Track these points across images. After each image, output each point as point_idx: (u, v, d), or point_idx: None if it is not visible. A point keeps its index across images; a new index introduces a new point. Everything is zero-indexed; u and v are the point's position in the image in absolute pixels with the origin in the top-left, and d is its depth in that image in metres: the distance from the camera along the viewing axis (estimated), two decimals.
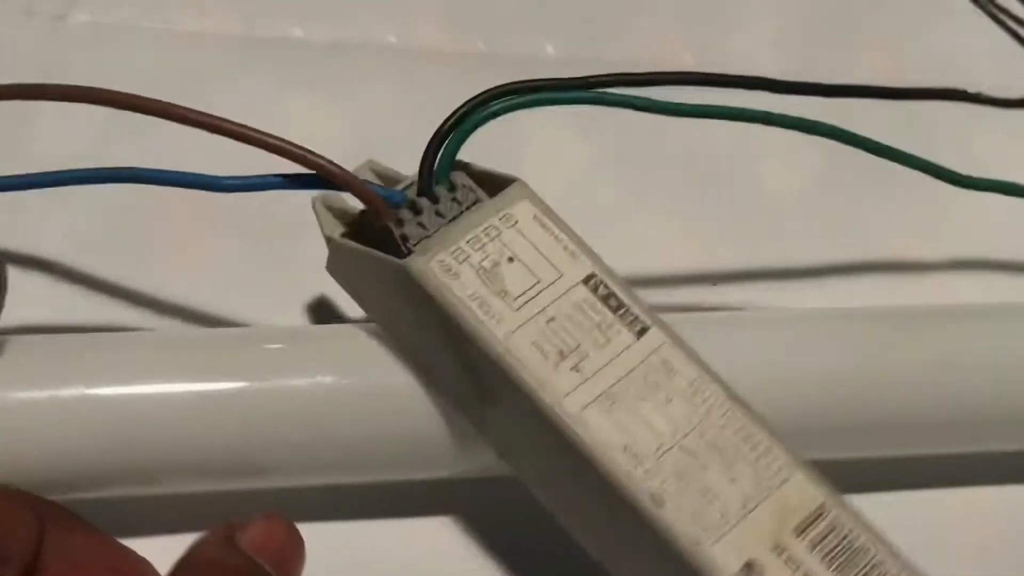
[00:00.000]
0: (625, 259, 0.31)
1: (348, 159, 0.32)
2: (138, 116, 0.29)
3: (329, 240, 0.32)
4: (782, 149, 0.39)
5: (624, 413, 0.28)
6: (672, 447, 0.28)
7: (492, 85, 0.32)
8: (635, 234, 0.38)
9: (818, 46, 0.42)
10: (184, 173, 0.31)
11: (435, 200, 0.31)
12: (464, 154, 0.31)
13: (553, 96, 0.31)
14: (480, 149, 0.31)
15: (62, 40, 0.40)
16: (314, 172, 0.30)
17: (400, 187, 0.32)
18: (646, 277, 0.38)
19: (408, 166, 0.33)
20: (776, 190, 0.39)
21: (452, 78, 0.36)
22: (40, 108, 0.35)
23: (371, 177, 0.33)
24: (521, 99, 0.31)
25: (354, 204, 0.33)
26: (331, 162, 0.30)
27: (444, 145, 0.31)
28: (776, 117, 0.31)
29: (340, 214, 0.33)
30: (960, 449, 0.35)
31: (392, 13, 0.41)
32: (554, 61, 0.41)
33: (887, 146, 0.31)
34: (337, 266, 0.32)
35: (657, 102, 0.31)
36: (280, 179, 0.31)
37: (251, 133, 0.29)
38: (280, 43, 0.40)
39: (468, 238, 0.30)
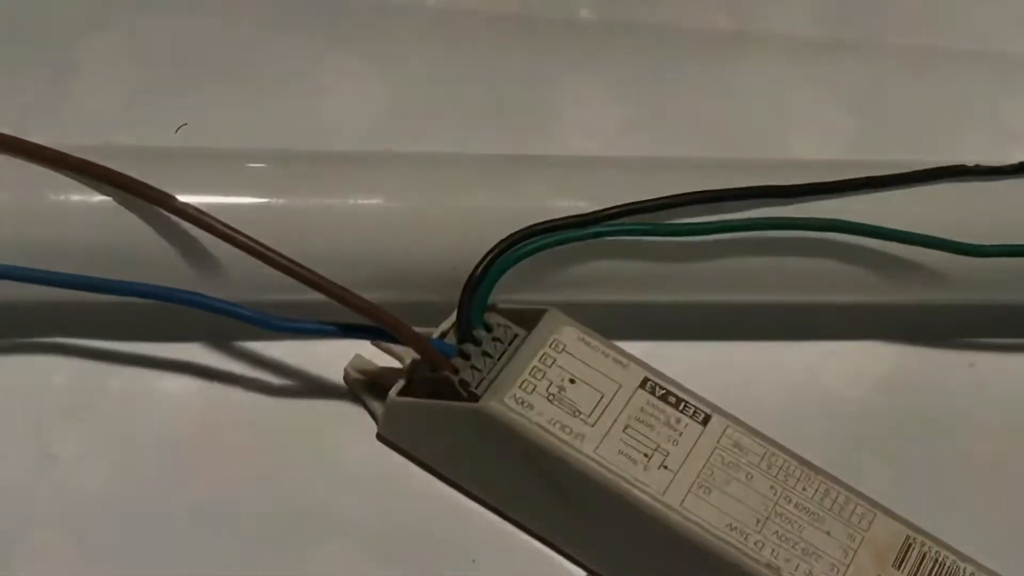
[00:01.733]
0: None
1: (388, 114, 0.37)
2: None
3: (389, 402, 0.33)
4: None
5: (718, 496, 0.31)
6: (768, 517, 0.31)
7: (528, 47, 0.38)
8: None
9: (852, 7, 0.44)
10: (240, 308, 0.32)
11: (478, 343, 0.33)
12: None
13: (573, 234, 0.33)
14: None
15: None
16: (379, 326, 0.32)
17: (436, 336, 0.34)
18: None
19: (442, 126, 0.39)
20: None
21: (488, 41, 0.40)
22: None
23: (356, 375, 0.35)
24: (544, 240, 0.33)
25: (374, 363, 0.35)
26: (399, 319, 0.31)
27: (476, 292, 0.33)
28: (787, 221, 0.34)
29: (369, 377, 0.35)
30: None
31: None
32: (589, 25, 0.42)
33: (900, 231, 0.34)
34: (394, 426, 0.34)
35: (672, 225, 0.34)
36: (334, 328, 0.32)
37: (344, 294, 0.31)
38: (319, 4, 0.41)
39: (529, 370, 0.32)
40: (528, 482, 0.32)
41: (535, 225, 0.33)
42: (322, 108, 0.39)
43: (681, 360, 0.34)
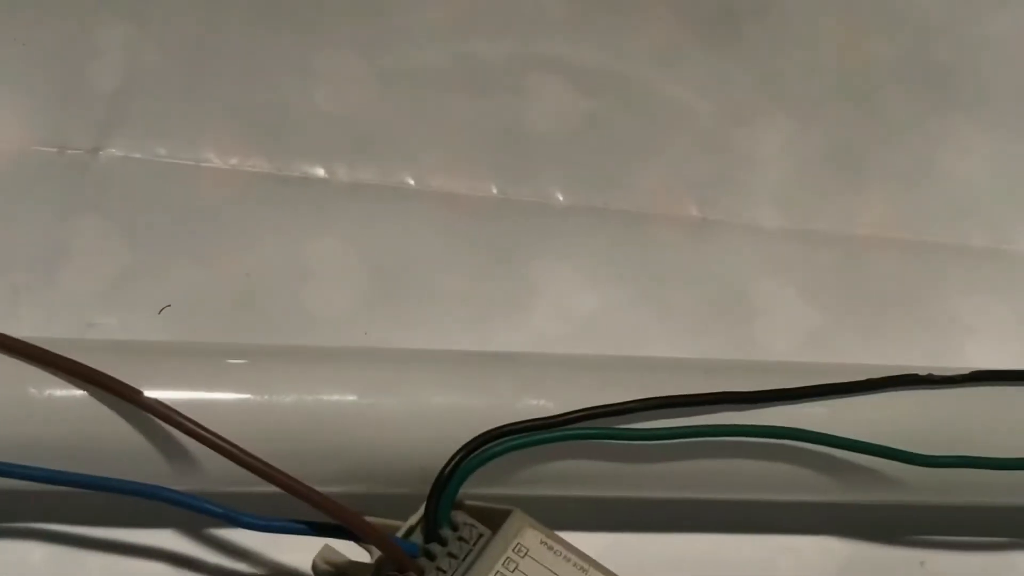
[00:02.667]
0: None
1: (366, 296, 0.40)
2: None
3: None
4: None
5: None
6: None
7: (504, 229, 0.42)
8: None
9: (821, 198, 0.46)
10: (205, 502, 0.32)
11: (443, 543, 0.34)
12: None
13: (540, 436, 0.34)
14: None
15: (93, 174, 0.41)
16: (341, 524, 0.33)
17: (403, 532, 0.34)
18: None
19: (420, 304, 0.41)
20: None
21: (465, 221, 0.42)
22: None
23: (325, 567, 0.36)
24: (512, 442, 0.34)
25: (343, 555, 0.36)
26: (364, 520, 0.32)
27: (444, 491, 0.34)
28: (745, 429, 0.35)
29: (337, 569, 0.36)
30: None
31: (409, 157, 0.43)
32: (563, 208, 0.44)
33: (852, 440, 0.35)
34: None
35: (634, 431, 0.35)
36: (303, 525, 0.33)
37: (311, 494, 0.32)
38: (303, 182, 0.42)
39: (493, 575, 0.33)
40: None
41: (503, 426, 0.34)
42: (301, 290, 0.41)
43: (640, 552, 0.36)
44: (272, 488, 0.33)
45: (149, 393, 0.33)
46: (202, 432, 0.32)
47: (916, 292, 0.44)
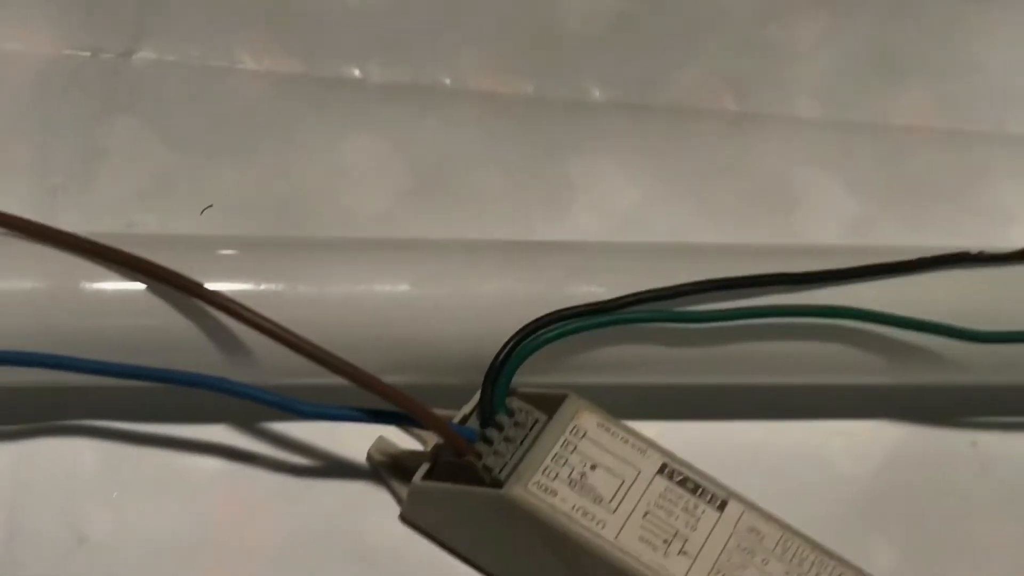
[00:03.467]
0: None
1: (405, 193, 0.40)
2: None
3: (412, 487, 0.34)
4: None
5: None
6: None
7: (541, 127, 0.41)
8: None
9: (861, 89, 0.45)
10: (269, 394, 0.32)
11: (500, 428, 0.34)
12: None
13: (592, 321, 0.34)
14: None
15: (127, 77, 0.41)
16: (403, 411, 0.32)
17: (457, 420, 0.34)
18: None
19: (459, 201, 0.41)
20: None
21: (503, 120, 0.42)
22: None
23: (379, 457, 0.36)
24: (565, 327, 0.34)
25: (397, 445, 0.36)
26: (425, 407, 0.32)
27: (499, 377, 0.34)
28: (797, 309, 0.35)
29: (392, 459, 0.36)
30: None
31: (445, 55, 0.43)
32: (600, 105, 0.44)
33: (904, 317, 0.35)
34: (418, 509, 0.34)
35: (687, 312, 0.35)
36: (360, 413, 0.33)
37: (371, 380, 0.32)
38: (338, 83, 0.42)
39: (551, 456, 0.33)
40: (550, 566, 0.32)
41: (555, 312, 0.34)
42: (341, 189, 0.40)
43: (690, 440, 0.35)
44: (324, 381, 0.33)
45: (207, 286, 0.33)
46: (263, 323, 0.32)
47: (957, 180, 0.44)
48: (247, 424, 0.36)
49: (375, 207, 0.40)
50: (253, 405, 0.33)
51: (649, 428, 0.35)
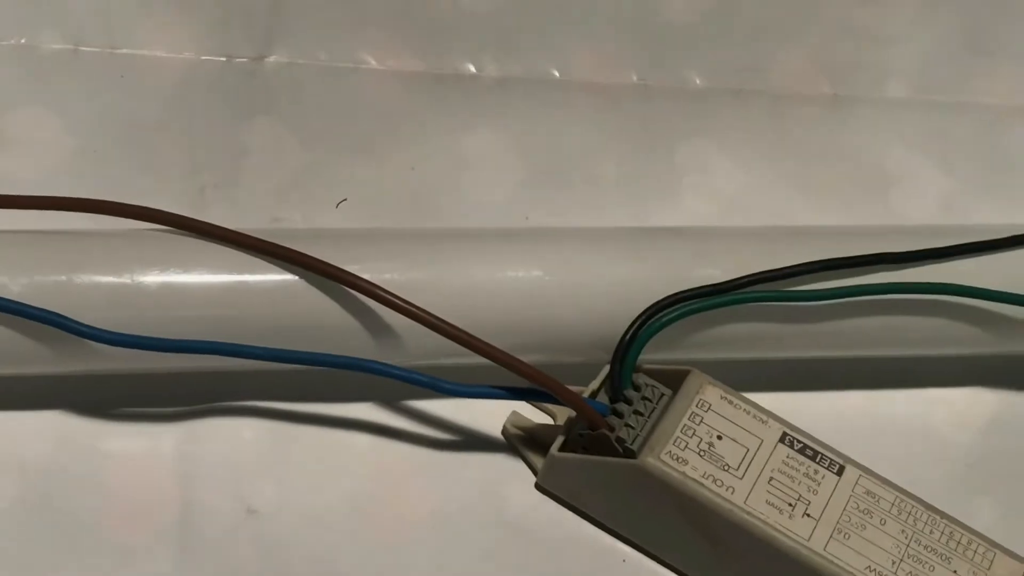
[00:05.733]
0: None
1: (523, 183, 0.43)
2: None
3: (550, 457, 0.37)
4: None
5: (856, 541, 0.34)
6: (902, 558, 0.34)
7: (647, 114, 0.44)
8: None
9: (953, 71, 0.48)
10: (408, 371, 0.35)
11: (629, 402, 0.36)
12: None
13: (712, 301, 0.37)
14: None
15: (261, 80, 0.44)
16: (540, 388, 0.35)
17: (587, 396, 0.37)
18: None
19: (574, 189, 0.43)
20: None
21: (610, 110, 0.45)
22: None
23: (514, 431, 0.38)
24: (687, 307, 0.36)
25: (530, 419, 0.38)
26: (561, 384, 0.35)
27: (627, 355, 0.36)
28: (901, 286, 0.38)
29: (526, 433, 0.39)
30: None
31: (553, 50, 0.46)
32: (700, 91, 0.46)
33: (1000, 292, 0.38)
34: (554, 478, 0.37)
35: (798, 291, 0.37)
36: (499, 390, 0.36)
37: (512, 361, 0.35)
38: (456, 79, 0.45)
39: (680, 428, 0.35)
40: (682, 530, 0.35)
41: (676, 294, 0.37)
42: (464, 182, 0.43)
43: (800, 410, 0.38)
44: (462, 361, 0.36)
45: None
46: (408, 307, 0.35)
47: None
48: (390, 402, 0.39)
49: (496, 196, 0.43)
50: (398, 385, 0.35)
51: (763, 400, 0.37)
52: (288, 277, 0.36)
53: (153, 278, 0.35)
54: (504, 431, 0.39)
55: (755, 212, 0.44)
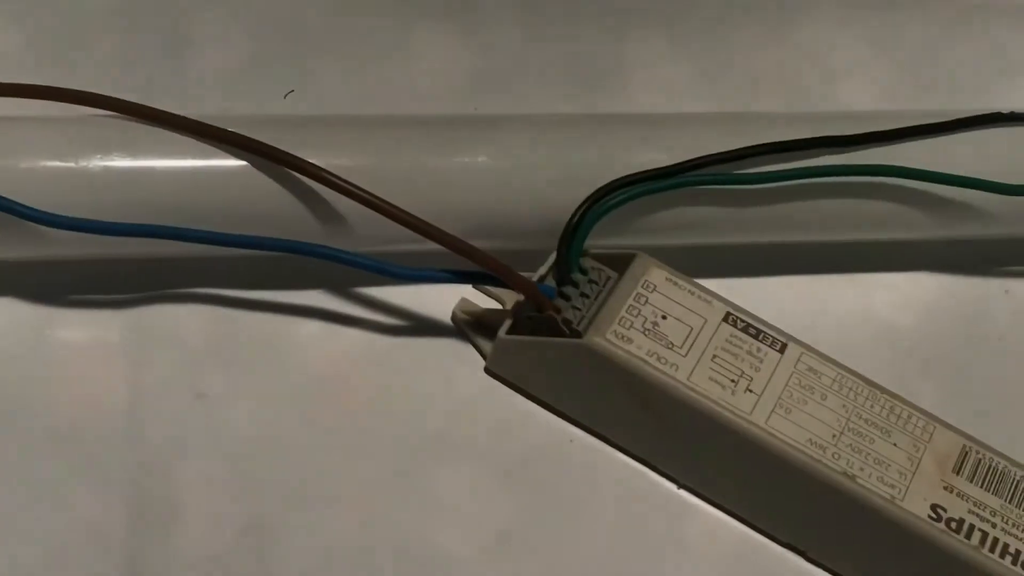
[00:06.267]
0: None
1: (473, 89, 0.43)
2: None
3: (498, 340, 0.37)
4: None
5: (797, 415, 0.35)
6: (842, 431, 0.35)
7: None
8: None
9: None
10: (357, 255, 0.35)
11: (576, 285, 0.37)
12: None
13: (657, 185, 0.37)
14: None
15: None
16: (489, 272, 0.36)
17: (535, 280, 0.37)
18: None
19: (520, 86, 0.43)
20: None
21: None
22: None
23: (463, 316, 0.39)
24: (632, 191, 0.37)
25: (478, 305, 0.39)
26: (511, 268, 0.35)
27: (573, 239, 0.37)
28: (846, 168, 0.38)
29: (474, 317, 0.39)
30: None
31: None
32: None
33: (943, 173, 0.38)
34: (502, 361, 0.38)
35: (743, 175, 0.38)
36: (450, 274, 0.36)
37: (461, 244, 0.35)
38: None
39: (626, 308, 0.36)
40: (627, 408, 0.36)
41: (622, 178, 0.37)
42: (413, 74, 0.43)
43: (744, 294, 0.38)
44: (412, 247, 0.36)
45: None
46: (358, 191, 0.35)
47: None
48: (340, 289, 0.39)
49: (444, 90, 0.43)
50: (347, 272, 0.36)
51: (709, 285, 0.38)
52: (237, 162, 0.36)
53: (99, 162, 0.35)
54: (453, 317, 0.39)
55: (704, 103, 0.44)
